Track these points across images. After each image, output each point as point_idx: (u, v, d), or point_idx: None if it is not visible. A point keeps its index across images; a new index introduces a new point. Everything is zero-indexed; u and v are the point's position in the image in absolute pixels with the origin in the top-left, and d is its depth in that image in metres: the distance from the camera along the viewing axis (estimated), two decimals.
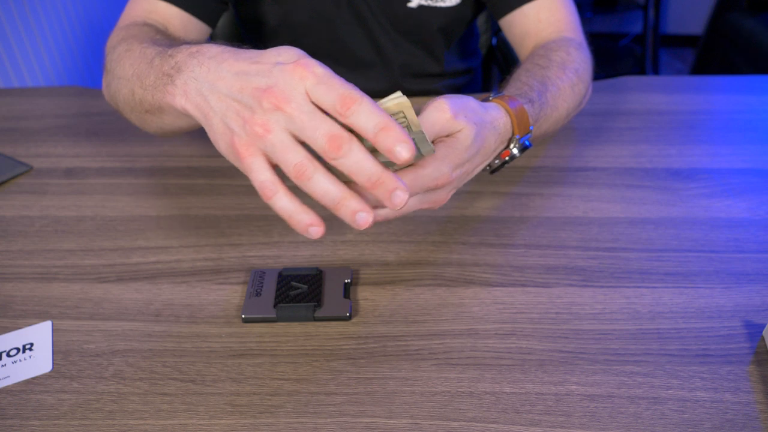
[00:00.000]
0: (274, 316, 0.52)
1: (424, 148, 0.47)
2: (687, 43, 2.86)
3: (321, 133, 0.40)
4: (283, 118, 0.41)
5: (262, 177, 0.43)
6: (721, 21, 2.18)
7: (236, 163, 0.45)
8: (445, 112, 0.50)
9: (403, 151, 0.40)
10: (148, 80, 0.54)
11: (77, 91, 0.91)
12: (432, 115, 0.50)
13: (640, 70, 2.56)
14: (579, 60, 0.72)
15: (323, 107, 0.41)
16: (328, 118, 0.41)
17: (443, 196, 0.53)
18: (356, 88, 0.41)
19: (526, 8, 0.79)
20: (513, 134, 0.59)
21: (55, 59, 1.53)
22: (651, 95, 0.86)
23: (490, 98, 0.60)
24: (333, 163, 0.41)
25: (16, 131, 0.80)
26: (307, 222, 0.44)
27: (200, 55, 0.48)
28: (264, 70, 0.43)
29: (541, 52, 0.72)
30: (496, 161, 0.61)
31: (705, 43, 2.26)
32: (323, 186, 0.42)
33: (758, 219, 0.63)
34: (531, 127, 0.60)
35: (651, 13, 2.51)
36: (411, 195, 0.50)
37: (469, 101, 0.54)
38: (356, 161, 0.41)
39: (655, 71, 2.55)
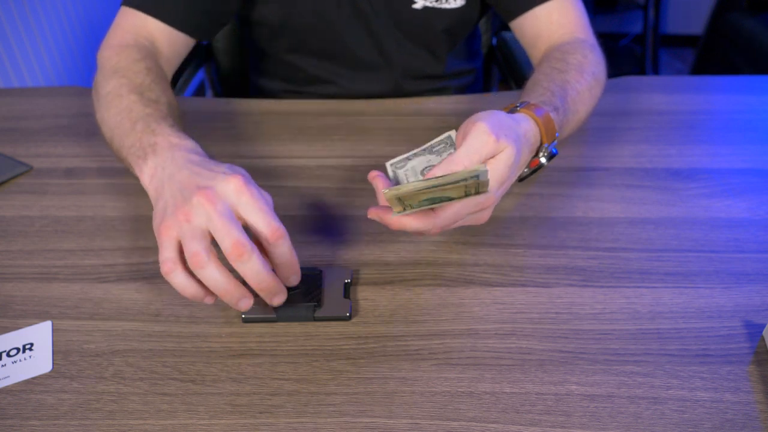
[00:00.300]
0: (274, 316, 0.52)
1: (483, 178, 0.47)
2: (687, 43, 2.87)
3: (229, 238, 0.45)
4: (205, 215, 0.46)
5: (166, 254, 0.46)
6: (721, 21, 2.18)
7: (157, 238, 0.48)
8: (489, 135, 0.52)
9: (292, 280, 0.50)
10: (128, 141, 0.58)
11: (77, 91, 0.91)
12: (477, 140, 0.51)
13: (640, 70, 2.56)
14: (595, 62, 0.72)
15: (252, 226, 0.47)
16: (239, 227, 0.46)
17: (486, 215, 0.56)
18: (280, 223, 0.47)
19: (537, 10, 0.79)
20: (541, 143, 0.60)
21: (55, 59, 1.53)
22: (651, 95, 0.86)
23: (517, 108, 0.60)
24: (233, 265, 0.46)
25: (16, 131, 0.80)
26: (200, 296, 0.48)
27: (177, 150, 0.53)
28: (211, 175, 0.49)
29: (557, 55, 0.73)
30: (525, 170, 0.62)
31: (705, 43, 2.26)
32: (213, 276, 0.46)
33: (758, 219, 0.63)
34: (557, 134, 0.61)
35: (651, 13, 2.52)
36: (458, 218, 0.53)
37: (502, 118, 0.55)
38: (251, 268, 0.46)
39: (655, 71, 2.55)
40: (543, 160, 0.61)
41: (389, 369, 0.48)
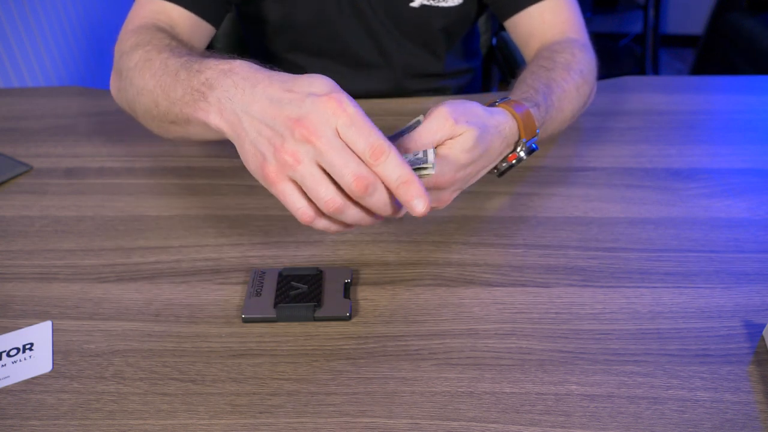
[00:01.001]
0: (274, 316, 0.52)
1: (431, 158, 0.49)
2: (687, 43, 2.86)
3: (349, 171, 0.43)
4: (313, 150, 0.43)
5: (298, 204, 0.45)
6: (721, 21, 2.18)
7: (266, 186, 0.46)
8: (446, 119, 0.52)
9: (418, 206, 0.44)
10: (175, 93, 0.54)
11: (77, 91, 0.91)
12: (434, 123, 0.52)
13: (640, 70, 2.56)
14: (584, 61, 0.72)
15: (352, 148, 0.43)
16: (355, 157, 0.43)
17: (447, 197, 0.55)
18: (383, 136, 0.44)
19: (531, 10, 0.79)
20: (519, 138, 0.60)
21: (55, 59, 1.53)
22: (651, 95, 0.86)
23: (497, 103, 0.61)
24: (358, 200, 0.44)
25: (16, 131, 0.80)
26: (342, 229, 0.48)
27: (234, 75, 0.48)
28: (297, 99, 0.44)
29: (545, 54, 0.73)
30: (504, 164, 0.62)
31: (705, 43, 2.26)
32: (355, 217, 0.46)
33: (758, 219, 0.63)
34: (537, 131, 0.61)
35: (651, 13, 2.52)
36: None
37: (472, 107, 0.55)
38: (378, 200, 0.44)
39: (655, 71, 2.55)
40: (522, 154, 0.61)
41: (389, 369, 0.48)
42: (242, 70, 0.49)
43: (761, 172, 0.70)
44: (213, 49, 1.13)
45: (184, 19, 0.73)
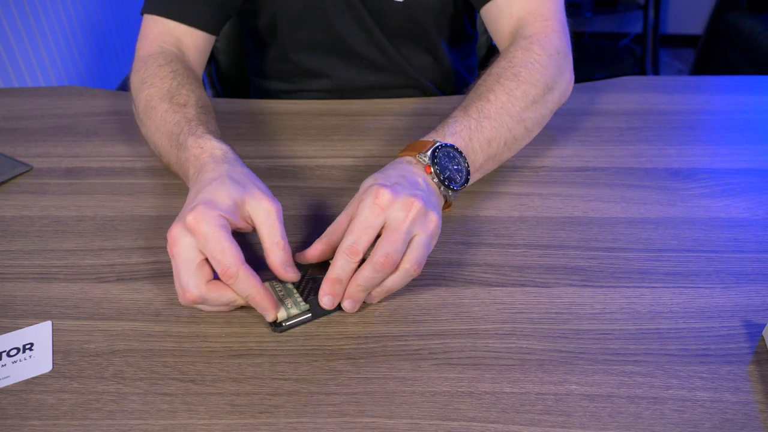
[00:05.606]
0: (309, 315, 0.52)
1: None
2: (687, 43, 2.87)
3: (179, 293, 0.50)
4: (172, 259, 0.51)
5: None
6: (721, 21, 2.18)
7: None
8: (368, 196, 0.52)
9: (268, 317, 0.51)
10: (170, 157, 0.64)
11: (77, 91, 0.91)
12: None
13: (640, 70, 2.56)
14: (522, 64, 0.67)
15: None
16: (190, 274, 0.49)
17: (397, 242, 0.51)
18: (235, 255, 0.48)
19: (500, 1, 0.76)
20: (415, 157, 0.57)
21: (55, 59, 1.53)
22: (651, 95, 0.86)
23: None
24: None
25: (16, 131, 0.80)
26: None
27: (199, 174, 0.55)
28: (182, 212, 0.52)
29: (491, 70, 0.69)
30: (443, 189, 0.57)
31: (705, 43, 2.26)
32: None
33: (758, 219, 0.63)
34: (442, 142, 0.58)
35: (651, 13, 2.52)
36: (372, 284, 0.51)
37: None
38: (241, 287, 0.49)
39: (655, 71, 2.55)
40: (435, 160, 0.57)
41: (389, 369, 0.48)
42: (201, 164, 0.56)
43: (761, 172, 0.70)
44: (213, 48, 1.13)
45: (187, 35, 0.78)
